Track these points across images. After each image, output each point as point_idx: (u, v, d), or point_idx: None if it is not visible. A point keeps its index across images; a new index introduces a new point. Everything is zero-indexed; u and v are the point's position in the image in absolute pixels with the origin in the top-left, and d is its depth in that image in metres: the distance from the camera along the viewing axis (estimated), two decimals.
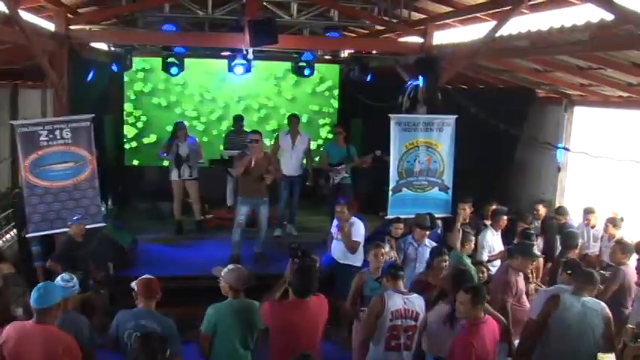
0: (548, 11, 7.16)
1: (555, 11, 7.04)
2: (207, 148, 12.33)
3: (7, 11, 6.60)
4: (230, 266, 5.43)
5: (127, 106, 13.48)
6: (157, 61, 12.26)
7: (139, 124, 13.60)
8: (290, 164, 10.79)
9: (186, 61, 12.00)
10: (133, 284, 5.28)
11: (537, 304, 5.91)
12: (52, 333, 4.62)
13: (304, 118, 13.71)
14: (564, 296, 5.59)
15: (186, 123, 11.28)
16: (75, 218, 7.81)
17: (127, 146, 13.60)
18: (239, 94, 13.83)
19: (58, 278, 5.47)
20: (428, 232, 7.83)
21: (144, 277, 5.34)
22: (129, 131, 13.56)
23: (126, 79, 13.26)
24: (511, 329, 6.08)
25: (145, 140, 13.62)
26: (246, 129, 11.97)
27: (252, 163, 9.05)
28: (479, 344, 4.97)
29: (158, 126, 13.52)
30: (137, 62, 12.80)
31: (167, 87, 13.51)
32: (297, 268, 5.43)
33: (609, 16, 5.59)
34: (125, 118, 13.51)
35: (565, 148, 9.61)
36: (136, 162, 13.70)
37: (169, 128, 12.17)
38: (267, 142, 11.85)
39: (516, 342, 6.07)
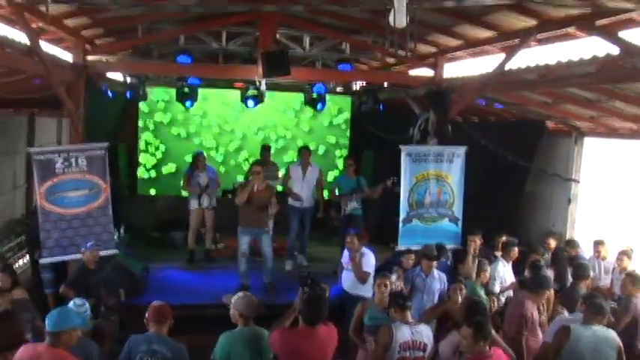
0: (555, 44, 7.25)
1: (562, 44, 7.13)
2: (225, 179, 12.43)
3: (28, 43, 6.80)
4: (240, 294, 5.48)
5: (147, 136, 13.62)
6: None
7: (158, 154, 13.72)
8: (300, 196, 10.88)
9: (206, 91, 12.31)
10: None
11: (553, 330, 5.95)
12: (63, 357, 4.66)
13: (321, 150, 13.97)
14: (574, 327, 5.60)
15: (204, 153, 11.39)
16: (89, 245, 7.88)
17: (145, 175, 13.72)
18: (257, 125, 13.97)
19: (71, 303, 5.56)
20: (435, 263, 7.81)
21: (155, 302, 5.41)
22: (148, 160, 13.68)
23: (145, 109, 13.44)
24: None
25: (164, 170, 13.74)
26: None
27: (255, 189, 9.20)
28: None
29: (177, 156, 13.68)
30: (157, 93, 13.03)
31: (186, 117, 13.66)
32: (307, 297, 5.45)
33: (615, 50, 5.68)
34: (145, 147, 13.64)
35: (574, 180, 9.61)
36: (153, 191, 13.80)
37: (188, 158, 12.33)
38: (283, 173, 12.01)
39: None
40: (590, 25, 6.09)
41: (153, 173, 13.77)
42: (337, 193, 10.88)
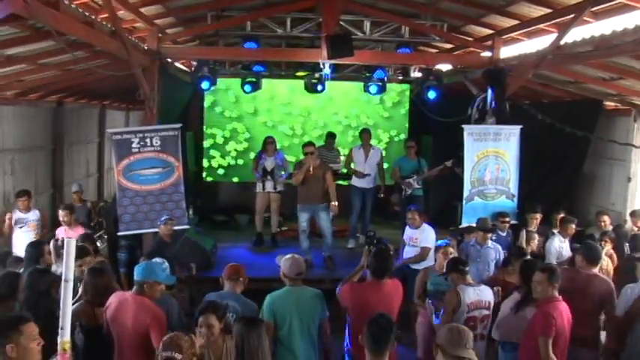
0: (612, 18, 7.29)
1: (620, 17, 7.15)
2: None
3: (112, 27, 7.35)
4: (287, 256, 5.73)
5: (213, 123, 14.20)
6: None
7: (224, 142, 14.30)
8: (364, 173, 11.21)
9: (270, 82, 12.98)
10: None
11: (622, 301, 6.07)
12: (146, 304, 5.14)
13: (382, 137, 14.50)
14: None
15: (274, 138, 11.72)
16: (162, 219, 8.39)
17: (211, 163, 14.28)
18: (319, 112, 14.50)
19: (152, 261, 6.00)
20: (490, 235, 8.10)
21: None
22: (214, 147, 14.26)
23: (212, 97, 14.03)
24: None
25: (230, 157, 14.33)
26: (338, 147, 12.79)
27: (311, 170, 9.64)
28: (557, 316, 5.20)
29: (242, 143, 14.31)
30: (223, 82, 13.43)
31: (250, 106, 14.20)
32: (375, 252, 5.82)
33: None
34: (211, 134, 14.22)
35: (633, 145, 9.53)
36: (219, 177, 14.38)
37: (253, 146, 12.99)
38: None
39: None
40: None
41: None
42: (399, 175, 11.14)
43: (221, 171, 14.27)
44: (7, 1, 4.65)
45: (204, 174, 14.29)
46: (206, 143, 14.22)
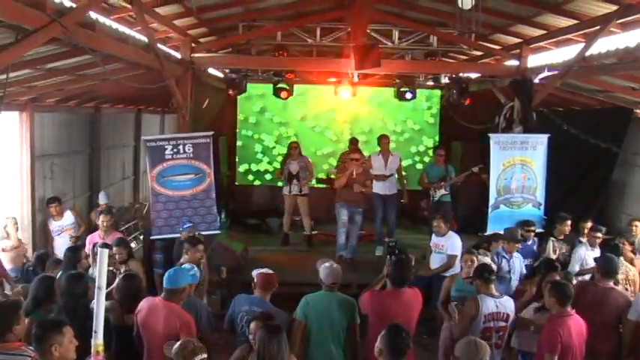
0: (638, 29, 7.31)
1: None
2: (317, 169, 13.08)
3: (146, 40, 7.64)
4: (327, 263, 5.91)
5: (245, 129, 14.51)
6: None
7: (257, 147, 14.63)
8: (383, 184, 11.27)
9: (300, 88, 13.15)
10: (254, 274, 5.84)
11: (636, 306, 6.10)
12: (175, 310, 5.38)
13: (411, 143, 14.69)
14: None
15: (298, 143, 12.02)
16: (185, 226, 8.63)
17: (244, 167, 14.58)
18: (349, 117, 14.64)
19: (183, 266, 6.22)
20: (518, 245, 8.13)
21: (264, 270, 5.87)
22: (246, 152, 14.58)
23: (245, 104, 14.31)
24: None
25: (261, 163, 14.67)
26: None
27: (354, 175, 9.87)
28: (565, 333, 5.29)
29: (274, 148, 14.59)
30: (254, 88, 13.74)
31: (282, 112, 14.47)
32: (394, 261, 5.97)
33: None
34: (243, 140, 14.52)
35: None
36: (251, 181, 14.71)
37: (283, 150, 13.13)
38: None
39: None
40: None
41: (252, 165, 14.58)
42: (426, 181, 11.25)
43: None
44: (48, 28, 4.98)
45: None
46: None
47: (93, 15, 6.19)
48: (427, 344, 7.86)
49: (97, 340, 4.12)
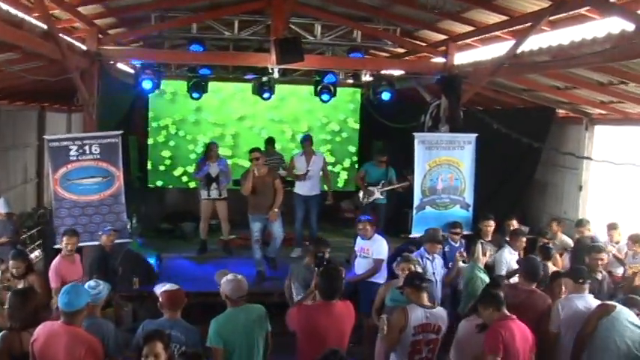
0: (568, 27, 7.19)
1: (576, 27, 7.06)
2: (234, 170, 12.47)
3: (45, 27, 6.87)
4: (229, 276, 5.39)
5: (157, 128, 13.75)
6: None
7: (169, 147, 13.85)
8: (305, 184, 10.98)
9: (216, 85, 12.54)
10: (157, 292, 5.29)
11: (555, 316, 6.04)
12: (79, 334, 4.77)
13: (331, 141, 14.24)
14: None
15: (217, 144, 11.44)
16: (106, 229, 8.06)
17: (155, 168, 13.84)
18: (266, 117, 14.09)
19: (85, 285, 5.55)
20: (439, 246, 7.93)
21: (168, 288, 5.31)
22: (158, 153, 13.82)
23: (156, 101, 13.55)
24: None
25: (174, 162, 13.91)
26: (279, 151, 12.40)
27: (256, 173, 9.37)
28: (507, 335, 5.11)
29: (186, 149, 13.90)
30: (167, 85, 12.97)
31: (196, 110, 13.82)
32: (323, 272, 5.53)
33: (630, 27, 5.65)
34: (155, 139, 13.79)
35: (588, 158, 9.57)
36: (163, 183, 13.96)
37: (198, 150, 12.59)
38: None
39: None
40: (605, 3, 6.07)
41: (163, 166, 13.85)
42: (366, 181, 10.98)
43: (165, 176, 13.88)
44: None
45: (148, 180, 13.84)
46: (150, 148, 13.78)
47: None
48: (355, 353, 7.43)
49: None
